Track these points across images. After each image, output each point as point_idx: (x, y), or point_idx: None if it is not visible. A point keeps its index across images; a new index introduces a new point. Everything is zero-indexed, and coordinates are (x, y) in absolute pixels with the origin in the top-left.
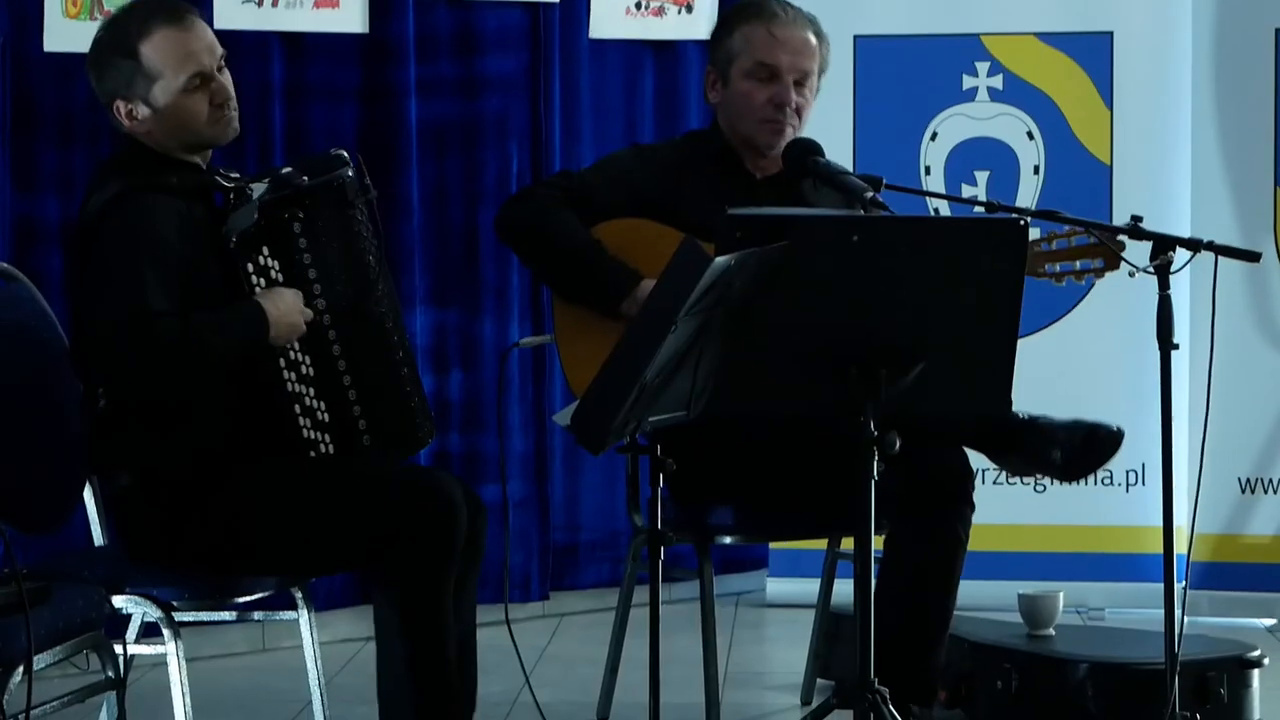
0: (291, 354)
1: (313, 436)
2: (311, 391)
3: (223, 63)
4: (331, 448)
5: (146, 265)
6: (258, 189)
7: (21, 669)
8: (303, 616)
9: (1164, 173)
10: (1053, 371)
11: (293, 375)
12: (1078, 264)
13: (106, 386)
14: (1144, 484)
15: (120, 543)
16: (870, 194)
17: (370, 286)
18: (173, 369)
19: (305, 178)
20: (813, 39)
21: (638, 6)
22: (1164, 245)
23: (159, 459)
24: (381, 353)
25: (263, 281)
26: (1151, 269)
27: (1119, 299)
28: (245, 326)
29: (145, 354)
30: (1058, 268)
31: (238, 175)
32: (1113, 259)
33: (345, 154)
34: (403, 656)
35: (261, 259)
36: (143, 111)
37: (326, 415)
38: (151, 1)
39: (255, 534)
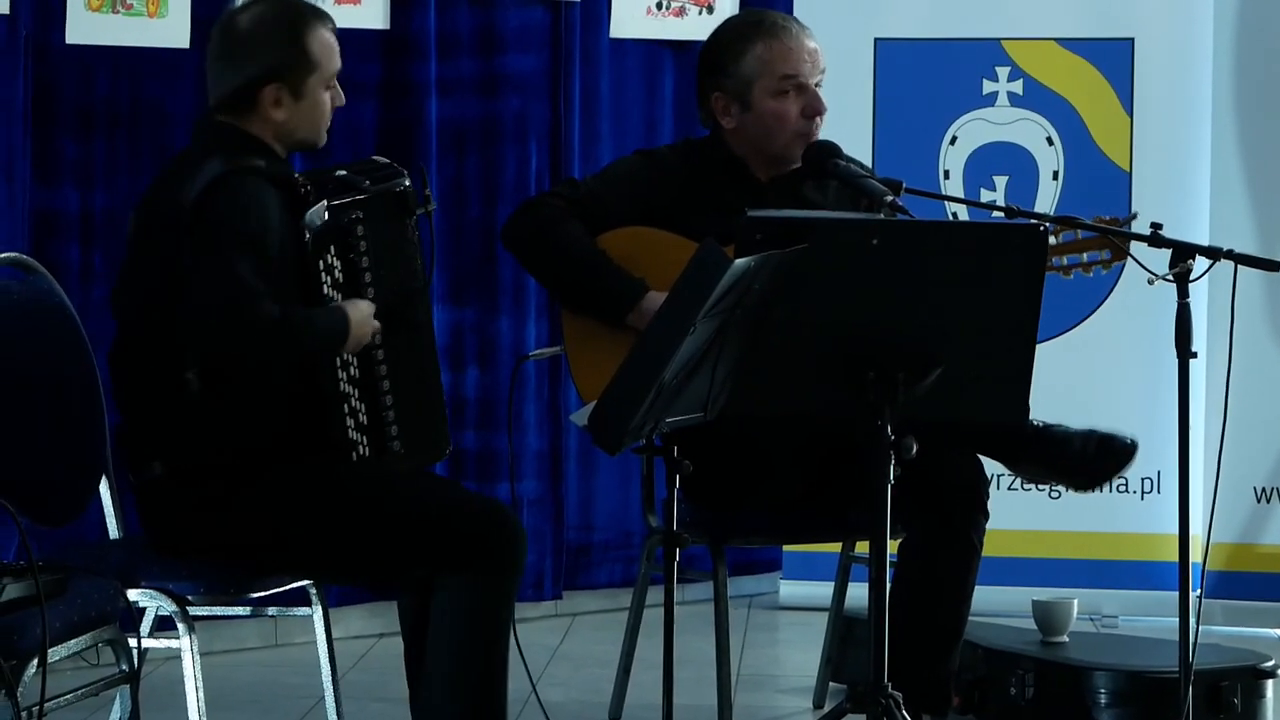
0: (344, 354)
1: (354, 438)
2: (356, 393)
3: None
4: (368, 450)
5: (250, 247)
6: (319, 189)
7: (36, 661)
8: (316, 612)
9: (1183, 180)
10: (1070, 378)
11: (343, 375)
12: (1085, 256)
13: (202, 361)
14: (1159, 492)
15: (145, 532)
16: (890, 198)
17: (417, 295)
18: (264, 351)
19: (368, 181)
20: (817, 44)
21: (659, 6)
22: (1183, 253)
23: (197, 450)
24: (419, 361)
25: (329, 280)
26: (1170, 277)
27: (1137, 306)
28: (331, 328)
29: (243, 331)
30: (1065, 260)
31: (296, 174)
32: (1118, 250)
33: (390, 161)
34: (454, 687)
35: (329, 257)
36: (288, 100)
37: (365, 418)
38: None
39: (307, 534)
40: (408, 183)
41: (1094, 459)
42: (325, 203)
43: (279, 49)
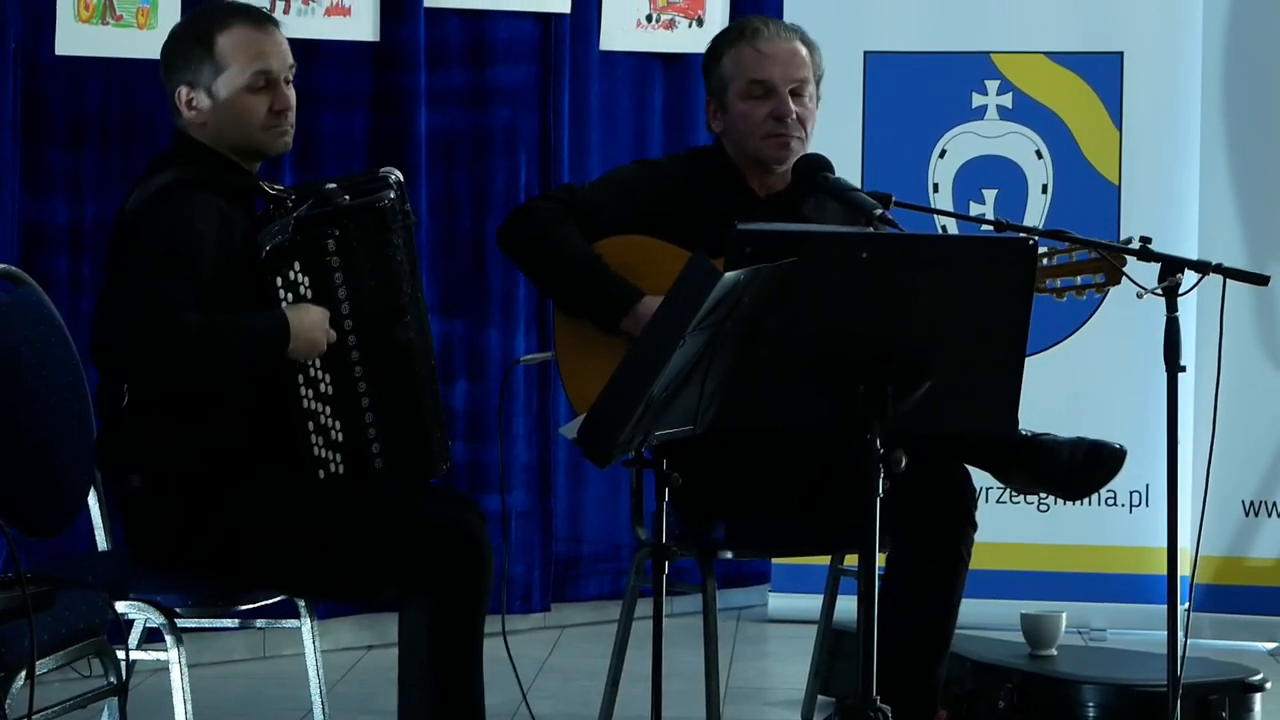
0: (312, 371)
1: (323, 455)
2: (328, 410)
3: (290, 76)
4: (342, 468)
5: (177, 263)
6: (298, 203)
7: (24, 674)
8: (305, 624)
9: (1172, 193)
10: (1059, 391)
11: (310, 392)
12: (1079, 279)
13: (127, 377)
14: (1148, 505)
15: (128, 544)
16: (879, 211)
17: (399, 312)
18: (189, 360)
19: (347, 196)
20: (801, 48)
21: (648, 19)
22: (1172, 267)
23: (171, 460)
24: (404, 379)
25: (290, 296)
26: (1159, 290)
27: (1125, 319)
28: (265, 333)
29: (163, 342)
30: (1059, 283)
31: (281, 187)
32: (1114, 273)
33: (393, 175)
34: (429, 705)
35: (292, 274)
36: (203, 101)
37: (341, 435)
38: (239, 2)
39: (273, 548)
40: (393, 195)
41: (1083, 467)
42: (291, 217)
43: (187, 50)
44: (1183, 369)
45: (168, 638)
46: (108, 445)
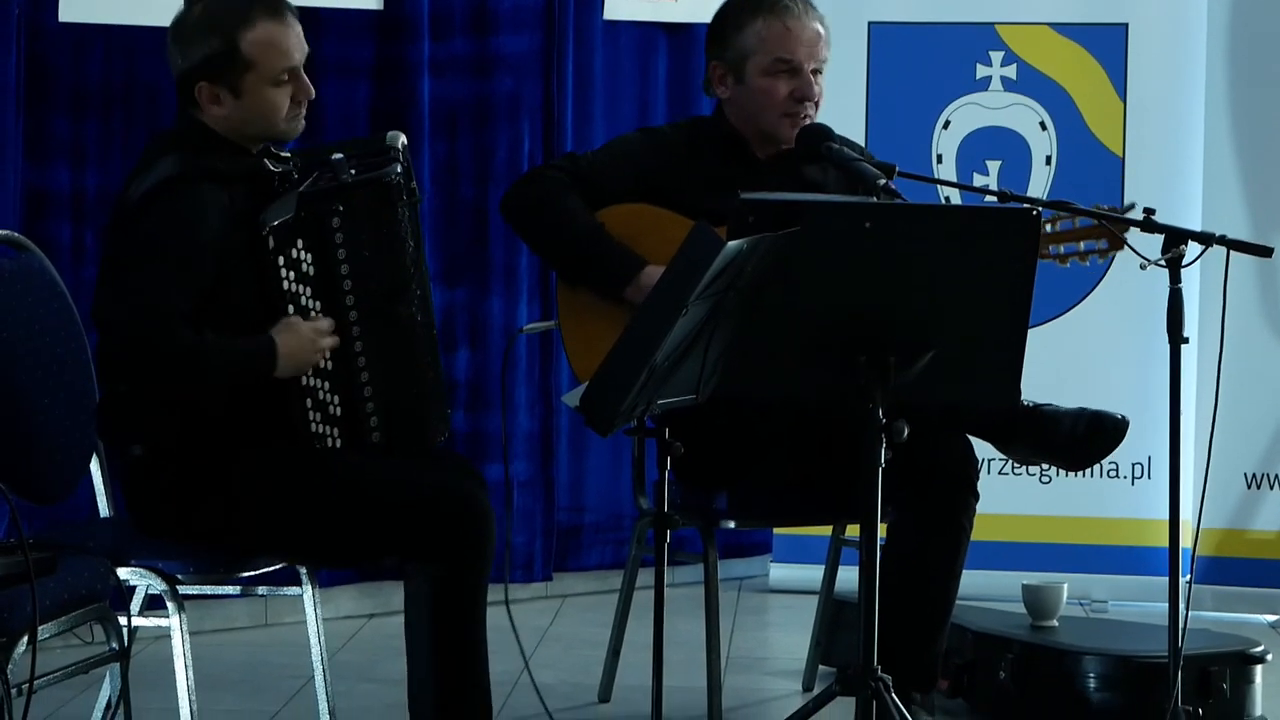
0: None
1: (320, 430)
2: (327, 386)
3: (304, 60)
4: (339, 442)
5: (177, 263)
6: (304, 174)
7: (26, 639)
8: (306, 592)
9: (1176, 165)
10: (1061, 363)
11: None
12: (1081, 245)
13: (111, 372)
14: (1150, 477)
15: (129, 514)
16: (883, 181)
17: (402, 289)
18: (169, 374)
19: (353, 170)
20: (822, 28)
21: None
22: (1176, 239)
23: (171, 430)
24: (405, 356)
25: (292, 275)
26: (1163, 262)
27: (1129, 291)
28: (251, 361)
29: (151, 353)
30: (1062, 249)
31: (288, 154)
32: (1116, 240)
33: (400, 139)
34: (433, 673)
35: (295, 251)
36: (227, 98)
37: (339, 410)
38: None
39: (276, 517)
40: (399, 170)
41: (1084, 438)
42: (295, 193)
43: (208, 48)
44: (1185, 341)
45: (169, 604)
46: (108, 414)
